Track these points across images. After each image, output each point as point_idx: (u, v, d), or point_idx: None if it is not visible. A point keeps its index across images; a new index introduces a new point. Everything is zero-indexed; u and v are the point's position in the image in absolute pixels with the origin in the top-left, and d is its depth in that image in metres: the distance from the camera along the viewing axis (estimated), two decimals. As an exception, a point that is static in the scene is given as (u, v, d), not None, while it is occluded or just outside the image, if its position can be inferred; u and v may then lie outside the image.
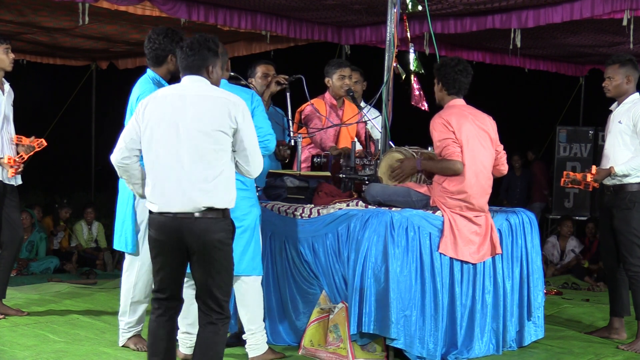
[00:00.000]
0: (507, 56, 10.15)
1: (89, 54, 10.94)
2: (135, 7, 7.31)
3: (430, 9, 6.53)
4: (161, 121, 3.87)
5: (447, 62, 5.35)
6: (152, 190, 3.89)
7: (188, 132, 3.84)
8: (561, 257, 9.75)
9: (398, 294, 4.91)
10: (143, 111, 3.93)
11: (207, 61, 4.00)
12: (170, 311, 4.02)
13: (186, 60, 3.99)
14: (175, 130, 3.85)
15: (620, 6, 6.97)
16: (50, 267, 8.96)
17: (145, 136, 3.91)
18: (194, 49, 3.98)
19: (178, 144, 3.84)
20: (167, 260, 3.92)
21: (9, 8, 7.86)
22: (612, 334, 5.99)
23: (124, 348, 5.22)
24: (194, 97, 3.90)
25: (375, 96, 5.83)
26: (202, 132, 3.83)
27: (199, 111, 3.86)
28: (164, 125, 3.87)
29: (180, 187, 3.82)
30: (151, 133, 3.89)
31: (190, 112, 3.86)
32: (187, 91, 3.94)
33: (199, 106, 3.87)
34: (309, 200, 5.63)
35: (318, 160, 5.92)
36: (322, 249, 5.21)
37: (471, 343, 5.28)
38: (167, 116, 3.87)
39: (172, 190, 3.84)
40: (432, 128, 5.22)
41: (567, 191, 11.07)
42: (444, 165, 5.19)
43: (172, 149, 3.84)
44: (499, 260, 5.46)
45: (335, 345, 5.06)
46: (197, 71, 3.99)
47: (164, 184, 3.85)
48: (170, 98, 3.92)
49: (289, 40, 9.40)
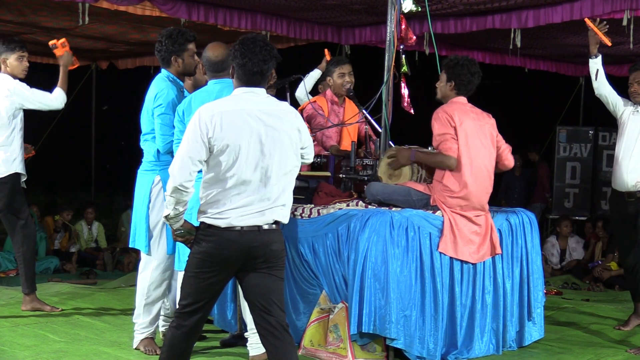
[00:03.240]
0: (507, 56, 10.15)
1: (89, 54, 10.94)
2: (135, 7, 7.31)
3: (430, 9, 6.53)
4: (247, 138, 3.72)
5: (461, 62, 5.31)
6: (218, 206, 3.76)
7: (271, 152, 3.76)
8: (561, 257, 9.75)
9: (398, 294, 4.91)
10: (213, 128, 3.69)
11: (272, 69, 3.90)
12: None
13: (258, 69, 3.80)
14: (260, 147, 3.75)
15: (620, 6, 6.97)
16: (50, 267, 8.97)
17: (220, 151, 3.70)
18: (267, 61, 3.82)
19: (262, 161, 3.76)
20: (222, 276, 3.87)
21: (9, 8, 7.86)
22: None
23: (124, 348, 5.22)
24: (269, 113, 3.79)
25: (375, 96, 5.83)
26: (285, 153, 3.80)
27: (276, 128, 3.78)
28: (251, 142, 3.73)
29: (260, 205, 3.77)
30: (232, 149, 3.70)
31: (268, 129, 3.76)
32: (261, 106, 3.80)
33: (278, 124, 3.79)
34: (309, 200, 5.63)
35: (318, 160, 5.92)
36: (322, 249, 5.21)
37: (471, 343, 5.28)
38: (252, 133, 3.73)
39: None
40: (434, 120, 5.22)
41: (567, 191, 11.08)
42: (438, 159, 5.20)
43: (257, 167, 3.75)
44: (499, 260, 5.46)
45: (335, 345, 5.07)
46: (264, 83, 3.87)
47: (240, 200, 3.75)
48: (248, 113, 3.76)
49: (289, 40, 9.40)
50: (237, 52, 3.83)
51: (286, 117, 3.85)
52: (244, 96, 3.83)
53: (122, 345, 5.29)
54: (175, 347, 3.84)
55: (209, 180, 3.77)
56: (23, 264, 6.28)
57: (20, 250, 6.26)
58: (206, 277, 3.77)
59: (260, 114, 3.78)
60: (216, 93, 4.91)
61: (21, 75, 6.22)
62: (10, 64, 6.18)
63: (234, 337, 5.45)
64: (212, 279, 3.79)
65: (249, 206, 3.74)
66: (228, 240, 3.73)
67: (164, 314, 5.29)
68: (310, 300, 5.29)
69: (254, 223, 3.74)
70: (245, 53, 3.80)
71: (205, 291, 3.81)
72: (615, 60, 10.47)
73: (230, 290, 5.56)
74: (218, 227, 3.73)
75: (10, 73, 6.18)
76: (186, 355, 3.91)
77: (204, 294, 3.81)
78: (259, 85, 3.86)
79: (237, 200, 3.73)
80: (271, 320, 3.79)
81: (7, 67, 6.19)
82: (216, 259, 3.75)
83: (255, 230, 3.75)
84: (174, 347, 3.84)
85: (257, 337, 4.96)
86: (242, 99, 3.82)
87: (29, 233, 6.30)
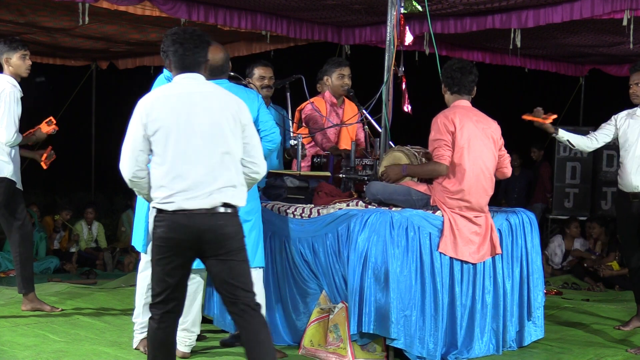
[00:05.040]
0: (507, 56, 10.15)
1: (89, 54, 10.94)
2: (135, 7, 7.31)
3: (430, 9, 6.53)
4: (175, 120, 3.76)
5: (449, 64, 5.40)
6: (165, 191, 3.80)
7: (209, 133, 3.78)
8: (564, 257, 9.75)
9: (398, 294, 4.91)
10: (148, 114, 3.78)
11: (207, 56, 3.96)
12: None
13: (191, 56, 3.88)
14: (195, 129, 3.77)
15: (620, 6, 6.97)
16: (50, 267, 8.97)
17: (157, 139, 3.77)
18: (198, 45, 3.90)
19: (199, 143, 3.78)
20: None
21: (9, 8, 7.86)
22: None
23: (124, 348, 5.22)
24: (207, 94, 3.84)
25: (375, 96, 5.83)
26: (221, 130, 3.80)
27: (214, 109, 3.81)
28: (186, 124, 3.77)
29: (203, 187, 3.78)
30: (165, 134, 3.76)
31: (205, 110, 3.80)
32: (195, 88, 3.85)
33: (213, 104, 3.82)
34: (309, 200, 5.63)
35: (318, 160, 5.93)
36: (322, 249, 5.21)
37: (471, 343, 5.28)
38: (182, 115, 3.77)
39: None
40: (432, 125, 5.25)
41: (567, 191, 11.07)
42: (429, 168, 5.24)
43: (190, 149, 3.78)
44: (499, 260, 5.46)
45: (335, 345, 5.06)
46: (198, 68, 3.92)
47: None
48: (179, 97, 3.81)
49: (289, 40, 9.40)
50: (168, 42, 3.92)
51: (225, 100, 3.86)
52: (183, 82, 3.89)
53: (122, 345, 5.29)
54: (155, 338, 3.90)
55: (154, 166, 3.82)
56: (20, 264, 6.26)
57: (18, 251, 6.25)
58: (165, 263, 3.81)
59: (197, 96, 3.81)
60: None
61: (24, 74, 6.21)
62: (13, 63, 6.16)
63: (233, 337, 5.44)
64: (171, 265, 3.81)
65: (194, 189, 3.76)
66: (177, 224, 3.76)
67: None
68: (310, 300, 5.29)
69: (201, 206, 3.76)
70: (176, 40, 3.89)
71: (168, 277, 3.83)
72: (615, 60, 10.48)
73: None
74: (167, 212, 3.78)
75: (13, 73, 6.16)
76: (168, 345, 3.91)
77: (168, 280, 3.83)
78: (196, 71, 3.90)
79: (180, 183, 3.76)
80: (239, 303, 3.84)
81: (10, 66, 6.17)
82: (170, 243, 3.78)
83: (204, 213, 3.76)
84: (154, 339, 3.90)
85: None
86: (180, 85, 3.89)
87: (26, 233, 6.29)
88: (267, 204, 5.55)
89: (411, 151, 5.46)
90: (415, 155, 5.42)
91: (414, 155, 5.41)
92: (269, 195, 5.77)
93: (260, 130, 4.98)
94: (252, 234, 4.98)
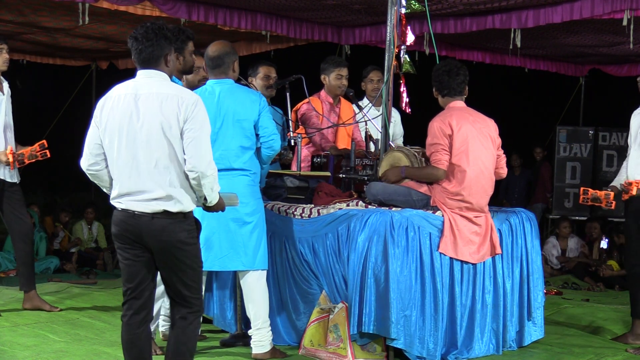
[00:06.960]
0: (507, 56, 10.15)
1: (89, 54, 10.94)
2: (135, 7, 7.31)
3: (430, 9, 6.52)
4: (119, 123, 3.77)
5: (435, 67, 5.41)
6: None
7: (144, 138, 3.76)
8: (562, 257, 9.75)
9: (398, 294, 4.91)
10: (100, 113, 3.82)
11: (165, 50, 3.84)
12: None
13: (144, 51, 3.80)
14: (134, 133, 3.76)
15: (620, 6, 6.97)
16: (50, 267, 8.95)
17: (105, 138, 3.82)
18: (150, 39, 3.79)
19: (138, 147, 3.77)
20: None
21: (9, 8, 7.86)
22: (636, 339, 5.83)
23: (124, 348, 5.22)
24: (149, 96, 3.76)
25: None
26: (158, 134, 3.75)
27: (152, 112, 3.74)
28: (123, 126, 3.77)
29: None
30: (111, 136, 3.80)
31: (144, 114, 3.75)
32: (143, 89, 3.79)
33: (153, 106, 3.74)
34: (309, 200, 5.63)
35: (318, 160, 5.92)
36: (322, 249, 5.21)
37: (471, 343, 5.28)
38: (125, 118, 3.76)
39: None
40: (429, 129, 5.26)
41: (567, 191, 11.07)
42: (427, 172, 5.25)
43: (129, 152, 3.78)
44: (499, 260, 5.46)
45: (336, 345, 5.06)
46: (155, 64, 3.83)
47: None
48: (125, 98, 3.78)
49: (289, 40, 9.40)
50: (129, 39, 3.89)
51: (166, 100, 3.75)
52: (139, 80, 3.87)
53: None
54: (122, 337, 3.94)
55: (109, 163, 3.88)
56: (21, 262, 6.30)
57: (19, 249, 6.27)
58: (123, 257, 3.90)
59: (141, 98, 3.77)
60: (217, 95, 4.92)
61: (3, 68, 6.20)
62: None
63: (233, 337, 5.45)
64: (129, 259, 3.87)
65: (136, 194, 3.80)
66: (124, 222, 3.84)
67: (164, 313, 5.29)
68: (310, 300, 5.29)
69: (143, 209, 3.79)
70: (132, 36, 3.87)
71: (130, 272, 3.88)
72: (615, 60, 10.47)
73: (230, 290, 5.57)
74: (118, 209, 3.87)
75: None
76: (139, 342, 3.91)
77: (132, 275, 3.88)
78: (154, 68, 3.86)
79: (126, 184, 3.82)
80: (174, 311, 3.95)
81: None
82: (121, 239, 3.88)
83: (147, 217, 3.79)
84: (121, 338, 3.95)
85: (259, 335, 4.99)
86: (136, 83, 3.86)
87: (27, 232, 6.30)
88: (267, 204, 5.55)
89: (411, 151, 5.47)
90: (415, 155, 5.42)
91: (413, 155, 5.42)
92: (269, 195, 5.77)
93: (259, 136, 4.97)
94: (253, 236, 4.98)
